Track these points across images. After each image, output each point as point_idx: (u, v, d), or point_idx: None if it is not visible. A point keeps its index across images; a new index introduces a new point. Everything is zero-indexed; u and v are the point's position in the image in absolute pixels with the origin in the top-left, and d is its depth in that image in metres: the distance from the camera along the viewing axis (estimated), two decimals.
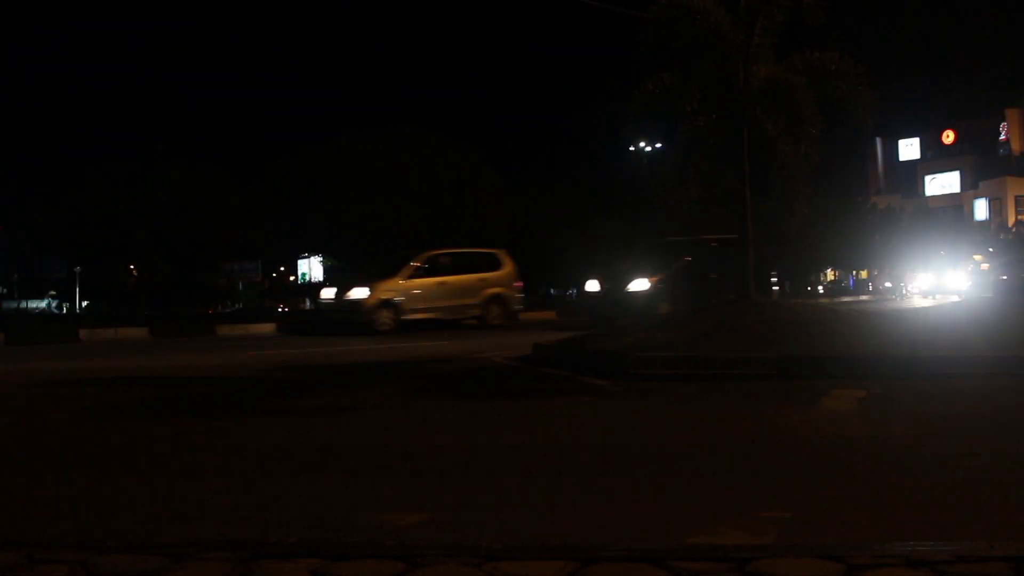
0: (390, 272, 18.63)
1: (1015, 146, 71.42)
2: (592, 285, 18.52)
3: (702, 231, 18.16)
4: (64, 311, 51.92)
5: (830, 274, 62.01)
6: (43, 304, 57.26)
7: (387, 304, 17.68)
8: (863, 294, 44.67)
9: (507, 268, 19.40)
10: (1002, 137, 72.28)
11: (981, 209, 70.09)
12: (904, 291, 36.40)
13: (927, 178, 74.79)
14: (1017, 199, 68.37)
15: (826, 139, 11.62)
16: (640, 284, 16.20)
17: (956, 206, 71.57)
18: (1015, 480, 3.64)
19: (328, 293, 20.01)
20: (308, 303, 63.08)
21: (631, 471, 3.99)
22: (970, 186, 71.38)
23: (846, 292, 47.98)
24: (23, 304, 56.85)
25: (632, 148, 40.62)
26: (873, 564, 2.26)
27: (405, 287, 18.06)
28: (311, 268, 71.85)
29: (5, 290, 57.39)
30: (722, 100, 11.60)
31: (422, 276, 18.27)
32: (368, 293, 17.86)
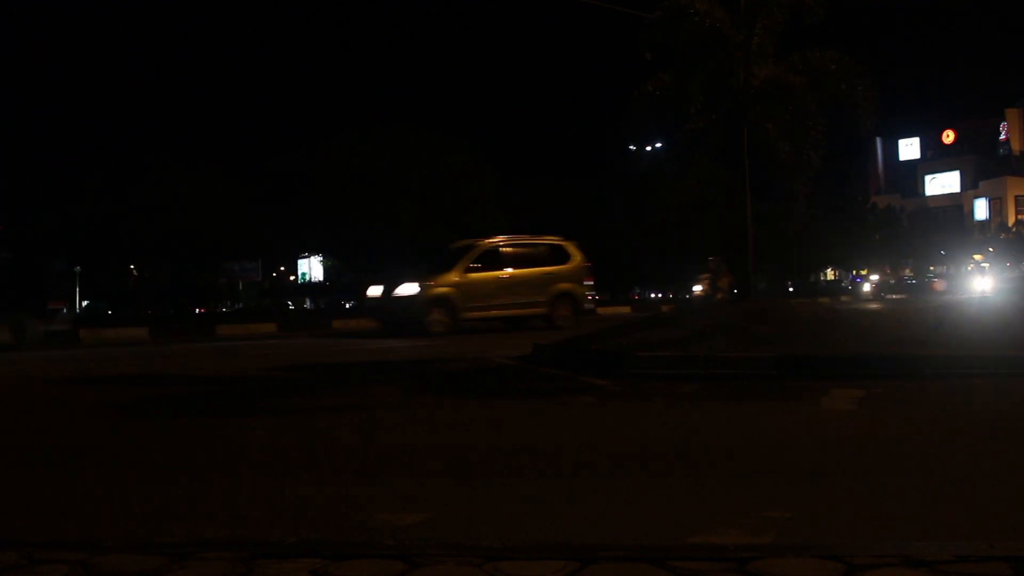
0: (445, 265, 16.57)
1: (1015, 146, 71.43)
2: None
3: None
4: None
5: (830, 274, 61.99)
6: None
7: (441, 302, 15.83)
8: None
9: (576, 261, 17.32)
10: (1002, 137, 72.30)
11: (981, 209, 70.10)
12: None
13: (927, 178, 74.84)
14: (1017, 199, 68.37)
15: (826, 139, 11.64)
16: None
17: (956, 206, 71.60)
18: (1015, 480, 3.64)
19: (374, 291, 17.19)
20: (309, 303, 63.04)
21: (631, 471, 3.98)
22: (970, 186, 71.40)
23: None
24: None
25: (633, 148, 40.63)
26: (873, 564, 2.25)
27: (461, 282, 15.96)
28: (311, 268, 71.90)
29: None
30: (722, 100, 11.62)
31: (482, 270, 16.29)
32: (418, 289, 15.87)
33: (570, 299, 16.90)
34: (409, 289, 15.95)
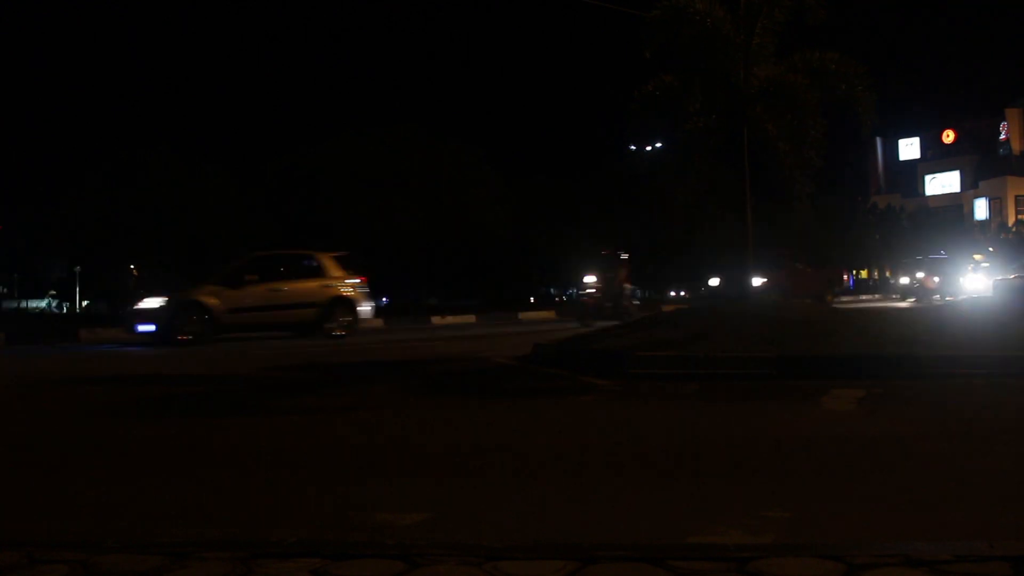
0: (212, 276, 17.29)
1: (1015, 146, 71.47)
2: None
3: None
4: (64, 311, 51.90)
5: None
6: (43, 304, 57.21)
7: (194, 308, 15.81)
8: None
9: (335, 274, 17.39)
10: (1002, 137, 72.34)
11: (981, 209, 70.16)
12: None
13: (927, 178, 74.90)
14: (1017, 199, 68.44)
15: (826, 138, 11.63)
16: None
17: (956, 206, 71.64)
18: (1015, 480, 3.64)
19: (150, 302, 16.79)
20: None
21: (631, 470, 3.98)
22: (970, 186, 71.47)
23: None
24: (23, 304, 56.88)
25: (633, 147, 40.64)
26: (873, 564, 2.26)
27: (220, 291, 16.17)
28: None
29: (5, 290, 57.37)
30: (723, 100, 11.62)
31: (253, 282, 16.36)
32: (167, 299, 16.06)
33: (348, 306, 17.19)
34: (156, 301, 16.25)
